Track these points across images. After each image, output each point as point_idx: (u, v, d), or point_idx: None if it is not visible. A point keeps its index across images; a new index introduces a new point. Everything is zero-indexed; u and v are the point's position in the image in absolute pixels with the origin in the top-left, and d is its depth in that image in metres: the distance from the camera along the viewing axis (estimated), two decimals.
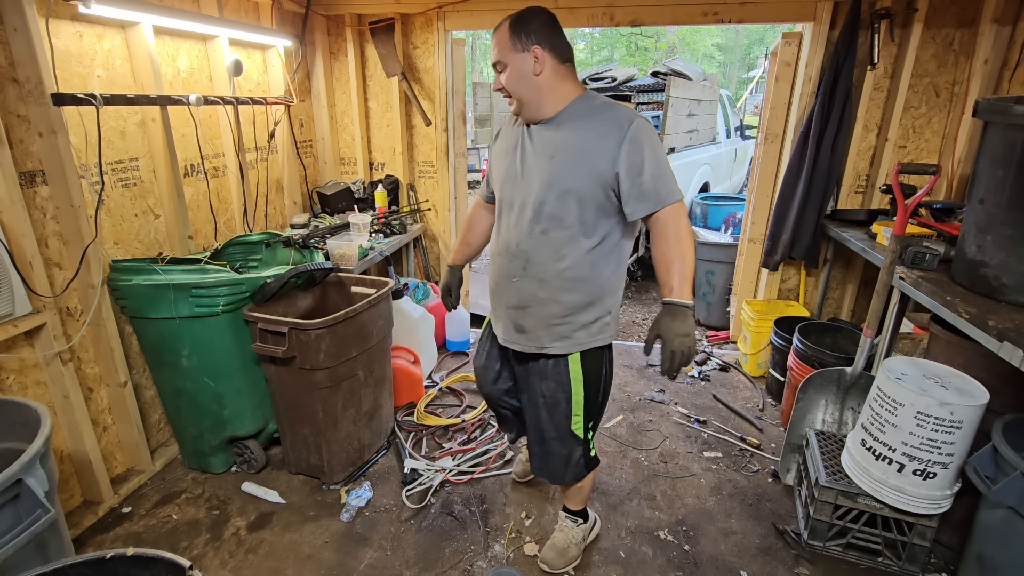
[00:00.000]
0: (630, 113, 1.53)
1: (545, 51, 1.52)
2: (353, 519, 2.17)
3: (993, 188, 1.77)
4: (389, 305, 2.47)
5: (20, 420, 1.61)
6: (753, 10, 3.01)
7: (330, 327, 2.09)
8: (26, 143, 1.88)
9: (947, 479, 1.76)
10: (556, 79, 1.54)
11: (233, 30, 2.69)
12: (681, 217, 1.52)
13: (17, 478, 1.34)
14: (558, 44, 1.54)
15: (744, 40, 21.89)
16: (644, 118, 1.51)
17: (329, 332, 2.10)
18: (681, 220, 1.52)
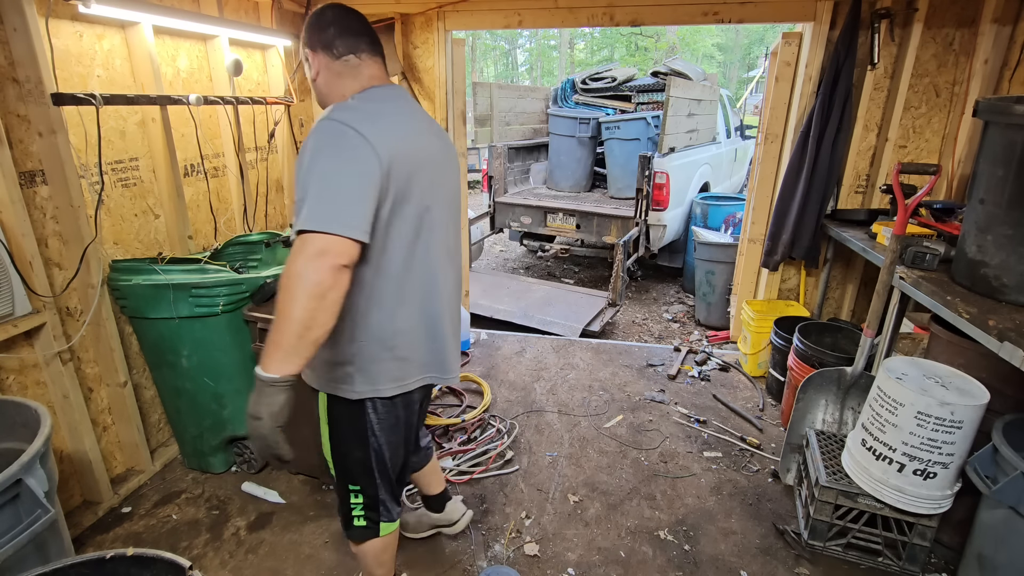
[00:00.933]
0: (328, 111, 1.26)
1: (317, 53, 1.33)
2: None
3: (993, 188, 1.77)
4: None
5: (20, 420, 1.61)
6: (753, 10, 3.01)
7: None
8: (26, 143, 1.88)
9: (947, 479, 1.75)
10: (333, 78, 1.34)
11: (233, 30, 2.69)
12: (297, 254, 1.08)
13: (17, 478, 1.35)
14: (331, 39, 1.31)
15: (744, 40, 21.90)
16: (333, 119, 1.16)
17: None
18: (294, 259, 1.08)
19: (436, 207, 1.35)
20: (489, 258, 6.59)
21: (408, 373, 1.40)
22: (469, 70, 19.03)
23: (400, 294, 1.31)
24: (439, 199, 1.36)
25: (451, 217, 1.44)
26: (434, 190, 1.34)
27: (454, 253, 1.48)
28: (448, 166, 1.43)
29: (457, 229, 1.50)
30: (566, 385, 3.23)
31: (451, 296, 1.48)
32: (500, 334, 3.95)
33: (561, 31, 19.86)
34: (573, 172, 5.99)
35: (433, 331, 1.42)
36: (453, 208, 1.46)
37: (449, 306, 1.46)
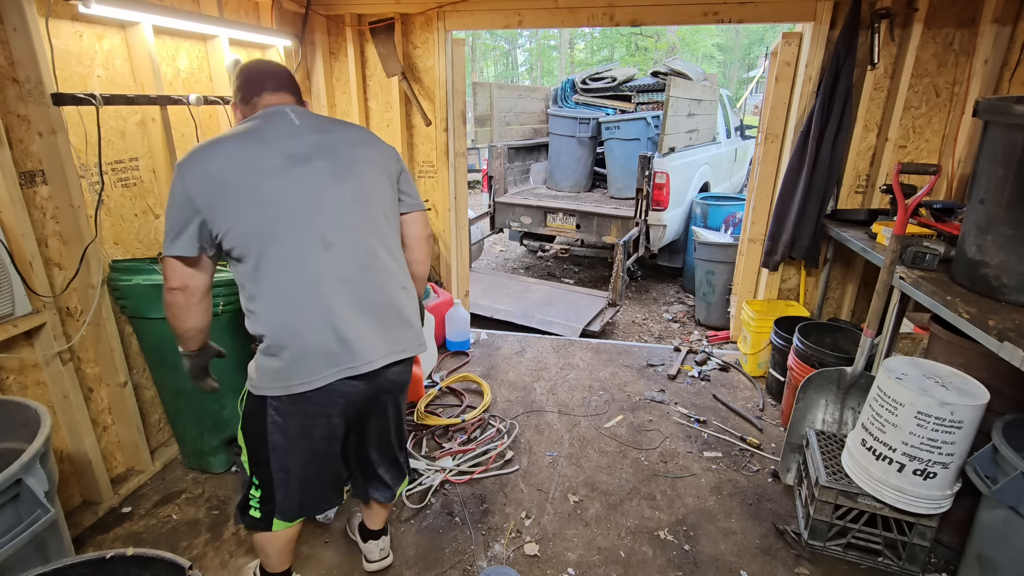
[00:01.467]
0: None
1: (235, 107, 1.55)
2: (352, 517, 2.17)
3: (993, 188, 1.77)
4: None
5: (20, 420, 1.61)
6: (753, 10, 3.01)
7: None
8: (26, 143, 1.88)
9: (947, 479, 1.76)
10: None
11: (233, 30, 2.69)
12: (164, 279, 1.40)
13: (17, 478, 1.35)
14: (239, 90, 1.52)
15: (744, 40, 21.90)
16: (177, 162, 1.36)
17: None
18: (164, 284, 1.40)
19: (298, 204, 1.38)
20: (489, 258, 6.60)
21: (296, 374, 1.38)
22: (469, 70, 19.03)
23: (265, 295, 1.38)
24: (304, 194, 1.39)
25: (327, 211, 1.41)
26: (295, 188, 1.38)
27: (336, 242, 1.41)
28: (334, 159, 1.45)
29: (348, 217, 1.44)
30: (566, 385, 3.23)
31: (348, 283, 1.42)
32: (500, 334, 3.95)
33: (561, 31, 19.86)
34: (573, 172, 6.00)
35: (321, 325, 1.38)
36: (340, 196, 1.43)
37: (346, 294, 1.41)
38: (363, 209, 1.48)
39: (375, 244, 1.48)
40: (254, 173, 1.35)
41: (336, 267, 1.41)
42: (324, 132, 1.48)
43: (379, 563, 1.94)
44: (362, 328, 1.43)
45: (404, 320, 1.54)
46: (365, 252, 1.46)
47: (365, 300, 1.45)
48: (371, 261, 1.47)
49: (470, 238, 4.38)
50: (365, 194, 1.49)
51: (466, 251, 4.09)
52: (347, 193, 1.45)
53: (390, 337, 1.50)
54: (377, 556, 1.94)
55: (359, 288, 1.44)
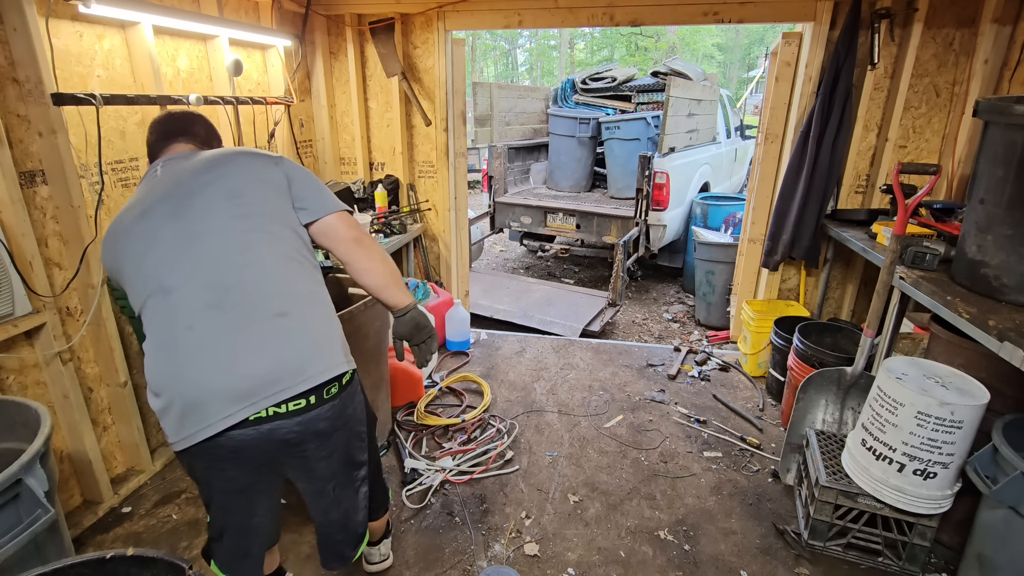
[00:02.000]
0: None
1: (150, 163, 1.53)
2: None
3: (993, 188, 1.77)
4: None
5: (20, 420, 1.61)
6: (753, 10, 3.01)
7: None
8: (26, 143, 1.88)
9: (947, 479, 1.75)
10: None
11: (233, 30, 2.69)
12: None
13: (17, 478, 1.35)
14: (150, 147, 1.54)
15: (744, 40, 21.90)
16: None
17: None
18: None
19: (136, 259, 1.28)
20: (489, 258, 6.59)
21: (170, 431, 1.23)
22: (469, 70, 19.02)
23: (149, 345, 1.26)
24: (140, 244, 1.29)
25: (158, 256, 1.27)
26: (136, 246, 1.29)
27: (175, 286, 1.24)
28: (174, 199, 1.32)
29: (184, 255, 1.26)
30: (566, 385, 3.23)
31: (193, 329, 1.22)
32: (500, 334, 3.95)
33: (561, 31, 19.86)
34: (573, 172, 5.99)
35: (171, 382, 1.21)
36: (173, 235, 1.28)
37: (193, 340, 1.21)
38: (209, 239, 1.27)
39: (225, 274, 1.26)
40: (117, 246, 1.32)
41: (180, 313, 1.23)
42: (175, 175, 1.37)
43: (379, 565, 1.94)
44: (220, 376, 1.20)
45: (279, 355, 1.24)
46: (217, 285, 1.24)
47: (224, 343, 1.22)
48: (221, 296, 1.24)
49: (470, 238, 4.38)
50: (207, 223, 1.29)
51: (466, 251, 4.09)
52: (183, 229, 1.28)
53: (268, 376, 1.22)
54: (377, 559, 1.93)
55: (214, 330, 1.22)
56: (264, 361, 1.22)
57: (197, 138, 1.56)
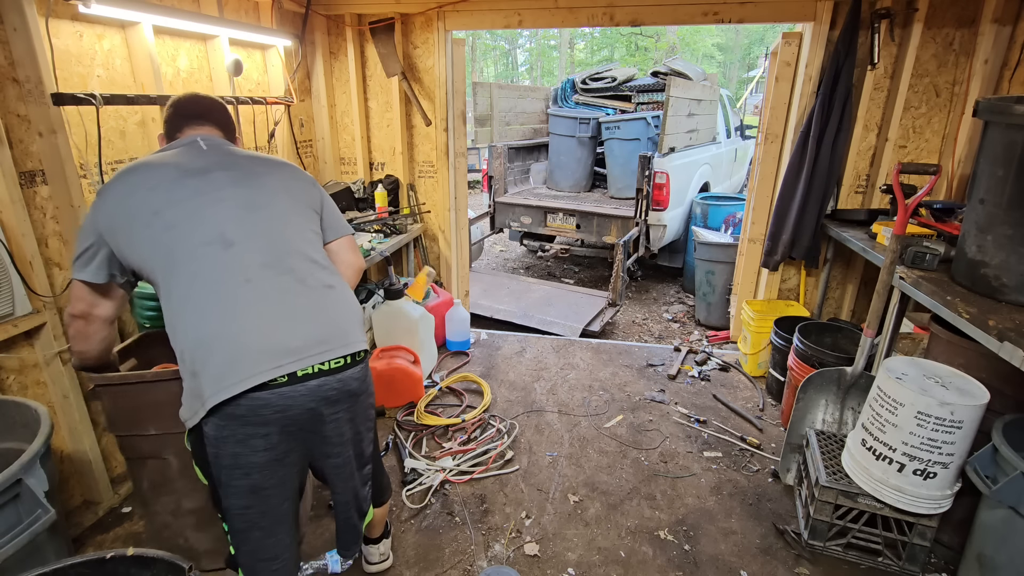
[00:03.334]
0: None
1: (161, 140, 1.59)
2: None
3: (993, 188, 1.77)
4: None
5: (20, 420, 1.61)
6: (753, 10, 3.01)
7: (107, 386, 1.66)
8: (26, 143, 1.88)
9: (947, 479, 1.76)
10: None
11: (233, 30, 2.69)
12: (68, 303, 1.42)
13: (17, 478, 1.35)
14: (166, 124, 1.57)
15: (744, 40, 21.90)
16: (103, 187, 1.39)
17: (107, 392, 1.67)
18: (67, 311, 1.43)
19: (190, 207, 1.34)
20: (489, 258, 6.60)
21: (215, 387, 1.22)
22: (469, 70, 19.02)
23: (175, 309, 1.29)
24: (197, 196, 1.36)
25: (223, 210, 1.36)
26: (187, 194, 1.35)
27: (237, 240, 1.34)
28: (235, 171, 1.44)
29: (250, 217, 1.38)
30: (566, 385, 3.23)
31: (252, 283, 1.30)
32: (500, 334, 3.95)
33: (561, 31, 19.86)
34: (573, 172, 6.00)
35: (232, 330, 1.26)
36: (226, 202, 1.38)
37: (255, 294, 1.30)
38: (269, 212, 1.42)
39: (282, 244, 1.38)
40: (144, 189, 1.35)
41: (240, 266, 1.31)
42: (229, 155, 1.48)
43: (379, 565, 1.94)
44: (277, 330, 1.28)
45: (335, 318, 1.38)
46: (272, 251, 1.36)
47: (280, 299, 1.32)
48: (281, 260, 1.36)
49: (470, 238, 4.38)
50: (269, 200, 1.43)
51: (466, 251, 4.09)
52: (248, 196, 1.41)
53: (315, 336, 1.32)
54: (377, 559, 1.93)
55: (273, 288, 1.32)
56: (316, 323, 1.34)
57: (222, 126, 1.61)
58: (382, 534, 1.93)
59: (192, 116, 1.57)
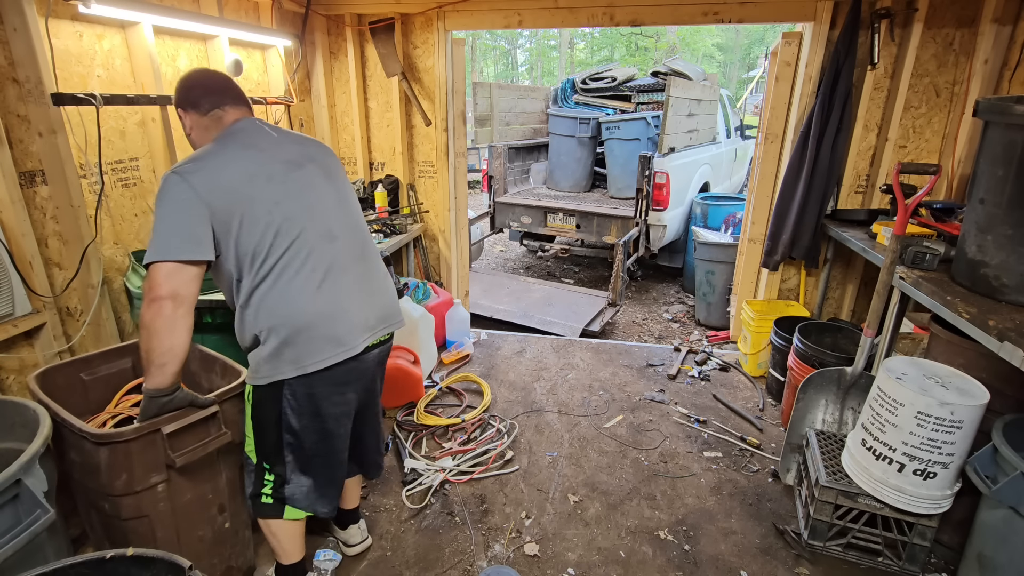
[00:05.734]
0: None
1: (187, 112, 1.59)
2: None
3: (993, 188, 1.77)
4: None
5: (19, 420, 1.60)
6: (753, 10, 3.01)
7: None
8: (26, 143, 1.88)
9: (947, 479, 1.75)
10: (203, 132, 1.59)
11: (233, 30, 2.69)
12: (146, 291, 1.37)
13: (16, 479, 1.34)
14: (196, 99, 1.57)
15: (744, 40, 21.89)
16: (171, 171, 1.43)
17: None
18: (144, 296, 1.37)
19: (303, 204, 1.52)
20: (489, 258, 6.60)
21: (311, 356, 1.49)
22: (469, 70, 19.02)
23: (278, 288, 1.47)
24: (307, 194, 1.55)
25: (327, 207, 1.58)
26: (297, 189, 1.53)
27: (339, 235, 1.59)
28: (319, 164, 1.62)
29: (342, 213, 1.63)
30: (566, 385, 3.23)
31: (349, 272, 1.58)
32: (500, 334, 3.95)
33: (561, 31, 19.85)
34: (573, 172, 5.99)
35: (332, 310, 1.52)
36: (326, 199, 1.60)
37: (349, 280, 1.57)
38: (349, 208, 1.67)
39: (364, 237, 1.68)
40: (263, 179, 1.47)
41: (341, 258, 1.56)
42: (298, 143, 1.63)
43: (361, 545, 2.01)
44: (363, 311, 1.59)
45: (391, 300, 1.72)
46: (359, 244, 1.65)
47: (363, 285, 1.62)
48: (363, 252, 1.66)
49: (470, 238, 4.38)
50: (346, 196, 1.68)
51: (466, 251, 4.09)
52: (338, 193, 1.64)
53: (381, 315, 1.66)
54: (359, 538, 2.00)
55: (359, 275, 1.61)
56: (381, 304, 1.67)
57: (246, 104, 1.65)
58: (358, 507, 2.03)
59: (226, 93, 1.60)
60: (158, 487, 1.57)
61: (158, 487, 1.57)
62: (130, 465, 1.50)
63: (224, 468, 1.75)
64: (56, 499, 1.53)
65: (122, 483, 1.51)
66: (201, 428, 1.61)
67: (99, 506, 1.58)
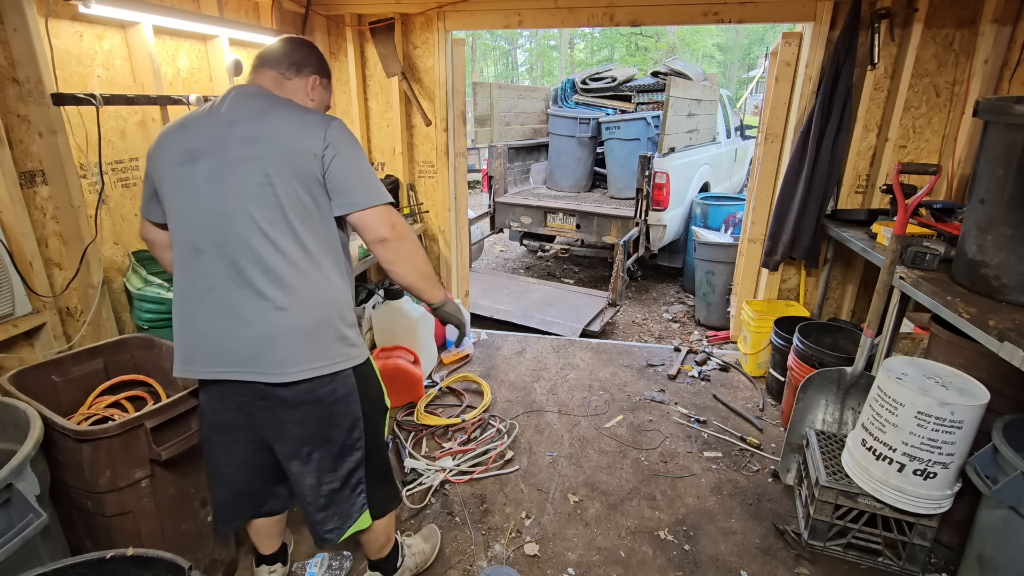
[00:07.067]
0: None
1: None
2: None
3: (993, 188, 1.77)
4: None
5: (11, 421, 1.57)
6: (753, 10, 3.01)
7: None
8: (26, 143, 1.88)
9: (947, 479, 1.75)
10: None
11: (233, 30, 2.69)
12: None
13: (7, 483, 1.32)
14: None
15: (744, 40, 21.89)
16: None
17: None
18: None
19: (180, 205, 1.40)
20: (489, 258, 6.59)
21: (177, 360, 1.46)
22: (469, 70, 19.00)
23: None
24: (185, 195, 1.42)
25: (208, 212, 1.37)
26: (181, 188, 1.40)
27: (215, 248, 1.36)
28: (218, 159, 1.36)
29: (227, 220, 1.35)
30: (566, 385, 3.23)
31: (213, 291, 1.36)
32: (500, 334, 3.95)
33: (561, 31, 19.85)
34: (573, 172, 5.99)
35: (186, 326, 1.43)
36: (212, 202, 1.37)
37: (211, 301, 1.36)
38: (234, 218, 1.32)
39: (241, 258, 1.32)
40: (163, 165, 1.38)
41: (205, 274, 1.35)
42: (229, 125, 1.34)
43: None
44: (218, 337, 1.36)
45: (261, 342, 1.34)
46: (230, 264, 1.33)
47: (228, 312, 1.34)
48: (235, 274, 1.33)
49: (470, 238, 4.38)
50: (238, 204, 1.31)
51: (466, 251, 4.09)
52: (219, 200, 1.33)
53: (244, 355, 1.35)
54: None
55: (223, 298, 1.34)
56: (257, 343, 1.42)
57: (281, 65, 1.47)
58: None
59: (256, 59, 1.50)
60: (142, 483, 1.57)
61: (142, 483, 1.57)
62: (113, 461, 1.50)
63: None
64: (52, 502, 1.52)
65: (106, 480, 1.51)
66: (183, 422, 1.61)
67: (81, 504, 1.57)
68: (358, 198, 1.38)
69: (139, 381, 1.90)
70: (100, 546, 1.53)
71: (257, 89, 1.43)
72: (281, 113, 1.37)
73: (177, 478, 1.66)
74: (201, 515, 1.77)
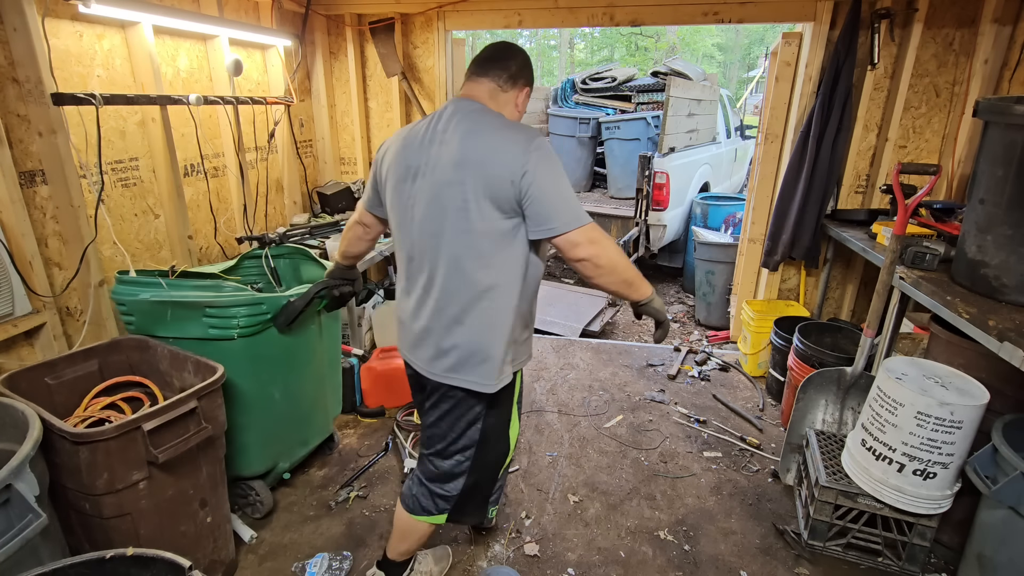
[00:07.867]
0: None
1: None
2: (352, 519, 2.17)
3: (993, 188, 1.77)
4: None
5: (9, 421, 1.57)
6: (753, 10, 3.01)
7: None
8: (26, 143, 1.88)
9: (947, 479, 1.75)
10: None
11: (233, 30, 2.69)
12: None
13: (7, 483, 1.32)
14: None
15: (744, 40, 21.88)
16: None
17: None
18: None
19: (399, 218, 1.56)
20: None
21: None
22: None
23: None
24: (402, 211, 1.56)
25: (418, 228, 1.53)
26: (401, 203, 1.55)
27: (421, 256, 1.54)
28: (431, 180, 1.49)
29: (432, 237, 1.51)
30: (566, 385, 3.23)
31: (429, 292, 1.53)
32: None
33: (561, 31, 19.85)
34: (573, 172, 5.99)
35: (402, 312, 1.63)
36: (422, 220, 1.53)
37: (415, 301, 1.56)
38: (435, 239, 1.45)
39: (437, 275, 1.47)
40: (392, 179, 1.52)
41: (414, 278, 1.53)
42: (442, 145, 1.43)
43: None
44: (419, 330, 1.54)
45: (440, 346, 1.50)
46: (430, 279, 1.48)
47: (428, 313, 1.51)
48: (430, 282, 1.48)
49: None
50: (439, 226, 1.43)
51: None
52: (426, 220, 1.45)
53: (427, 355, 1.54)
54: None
55: (425, 299, 1.50)
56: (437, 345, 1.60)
57: (501, 77, 1.55)
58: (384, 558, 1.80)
59: (472, 65, 1.59)
60: (140, 484, 1.56)
61: (140, 484, 1.56)
62: (111, 464, 1.50)
63: (204, 463, 1.74)
64: (51, 503, 1.52)
65: (103, 482, 1.50)
66: (181, 424, 1.61)
67: (79, 507, 1.56)
68: (556, 224, 1.39)
69: (136, 382, 1.89)
70: (98, 548, 1.51)
71: (471, 105, 1.49)
72: (488, 135, 1.41)
73: (175, 480, 1.66)
74: (200, 516, 1.76)
